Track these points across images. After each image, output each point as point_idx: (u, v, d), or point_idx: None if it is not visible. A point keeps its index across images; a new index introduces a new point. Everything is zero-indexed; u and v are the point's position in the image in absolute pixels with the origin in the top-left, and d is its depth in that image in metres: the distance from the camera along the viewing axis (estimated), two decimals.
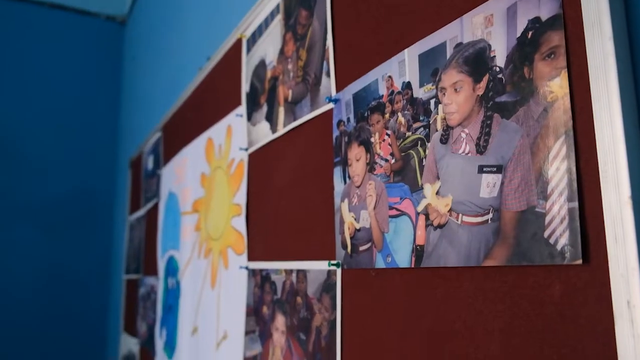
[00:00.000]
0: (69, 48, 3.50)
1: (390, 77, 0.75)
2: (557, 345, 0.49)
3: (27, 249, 3.22)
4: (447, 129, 0.63)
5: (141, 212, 2.47)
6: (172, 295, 1.81)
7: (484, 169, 0.57)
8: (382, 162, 0.75)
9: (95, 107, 3.51)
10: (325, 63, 0.93)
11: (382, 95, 0.76)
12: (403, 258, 0.69)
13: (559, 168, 0.49)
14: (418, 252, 0.66)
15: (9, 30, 3.37)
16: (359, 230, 0.79)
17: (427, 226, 0.65)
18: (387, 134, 0.74)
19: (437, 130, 0.65)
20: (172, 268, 1.83)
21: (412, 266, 0.67)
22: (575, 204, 0.47)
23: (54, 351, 3.19)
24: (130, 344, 2.51)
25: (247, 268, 1.21)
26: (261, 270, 1.14)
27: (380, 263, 0.74)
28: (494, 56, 0.57)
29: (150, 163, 2.37)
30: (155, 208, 2.19)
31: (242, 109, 1.30)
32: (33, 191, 3.27)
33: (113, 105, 3.58)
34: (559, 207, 0.49)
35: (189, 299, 1.62)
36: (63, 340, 3.21)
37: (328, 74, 0.92)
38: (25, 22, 3.42)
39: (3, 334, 3.09)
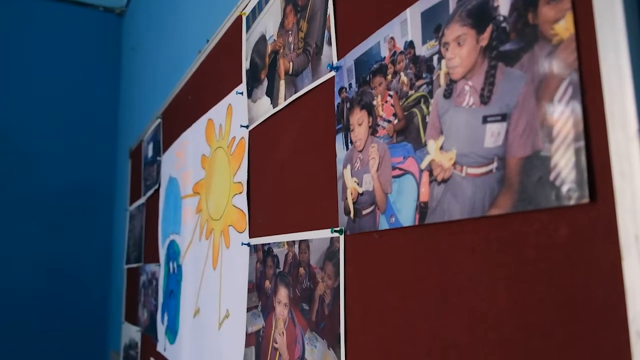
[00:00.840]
0: (67, 40, 3.50)
1: (392, 38, 0.74)
2: (563, 288, 0.48)
3: (27, 242, 3.21)
4: (451, 83, 0.63)
5: (141, 200, 2.46)
6: (174, 279, 1.81)
7: (488, 119, 0.57)
8: (385, 124, 0.75)
9: (95, 99, 3.51)
10: (326, 32, 0.93)
11: (384, 57, 0.76)
12: (407, 217, 0.69)
13: (564, 110, 0.49)
14: (422, 209, 0.66)
15: (8, 23, 3.36)
16: (361, 194, 0.79)
17: (430, 182, 0.65)
18: (389, 95, 0.74)
19: (440, 86, 0.65)
20: (174, 252, 1.83)
21: (416, 224, 0.67)
22: (582, 144, 0.47)
23: (55, 344, 3.19)
24: (131, 332, 2.51)
25: (248, 244, 1.21)
26: (263, 245, 1.13)
27: (383, 224, 0.73)
28: (498, 6, 0.57)
29: (150, 150, 2.36)
30: (155, 194, 2.18)
31: (243, 86, 1.29)
32: (33, 184, 3.27)
33: (112, 96, 3.58)
34: (564, 149, 0.48)
35: (191, 282, 1.61)
36: (64, 333, 3.21)
37: (329, 43, 0.91)
38: (24, 15, 3.41)
39: (4, 326, 3.09)
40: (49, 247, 3.24)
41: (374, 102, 0.77)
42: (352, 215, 0.81)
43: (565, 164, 0.48)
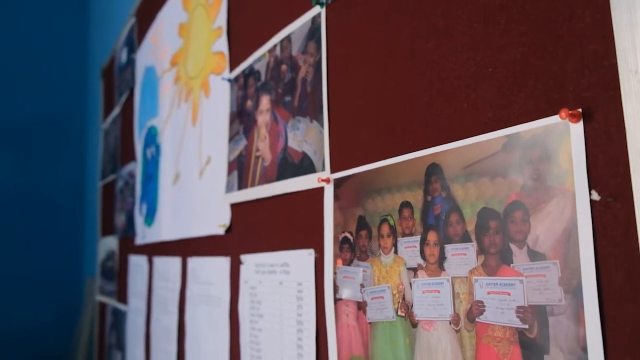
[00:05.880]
0: None
1: None
2: None
3: None
4: None
5: (116, 110, 2.44)
6: (152, 163, 1.81)
7: None
8: None
9: (63, 21, 3.42)
10: None
11: None
12: None
13: None
14: None
15: None
16: None
17: None
18: None
19: None
20: (151, 136, 1.83)
21: None
22: None
23: (29, 274, 3.15)
24: (108, 244, 2.51)
25: (229, 80, 1.23)
26: (244, 70, 1.15)
27: None
28: None
29: (123, 55, 2.34)
30: (130, 97, 2.17)
31: None
32: (1, 113, 3.20)
33: (82, 17, 3.49)
34: None
35: (170, 151, 1.62)
36: (38, 262, 3.18)
37: None
38: None
39: None
40: (20, 175, 3.18)
41: None
42: None
43: None
